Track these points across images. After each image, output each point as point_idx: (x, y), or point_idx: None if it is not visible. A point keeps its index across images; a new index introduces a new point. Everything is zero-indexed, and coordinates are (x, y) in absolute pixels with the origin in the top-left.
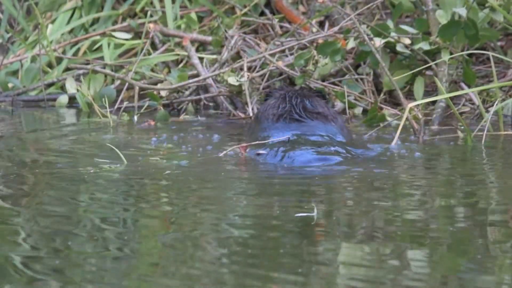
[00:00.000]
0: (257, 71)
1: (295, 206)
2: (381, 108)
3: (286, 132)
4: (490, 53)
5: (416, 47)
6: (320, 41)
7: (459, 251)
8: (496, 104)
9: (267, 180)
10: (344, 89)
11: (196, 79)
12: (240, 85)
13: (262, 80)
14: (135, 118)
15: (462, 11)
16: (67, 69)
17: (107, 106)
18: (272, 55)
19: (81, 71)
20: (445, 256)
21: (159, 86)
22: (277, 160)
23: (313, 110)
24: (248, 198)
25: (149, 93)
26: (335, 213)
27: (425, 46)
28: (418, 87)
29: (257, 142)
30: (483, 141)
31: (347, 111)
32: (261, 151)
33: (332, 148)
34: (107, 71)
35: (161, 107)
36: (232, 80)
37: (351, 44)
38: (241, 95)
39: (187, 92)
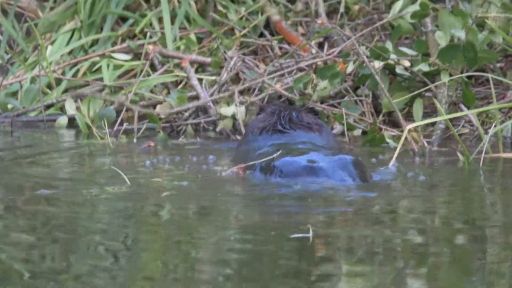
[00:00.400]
0: (256, 95)
1: (291, 227)
2: (381, 129)
3: (267, 143)
4: (489, 75)
5: (415, 69)
6: (319, 63)
7: (459, 274)
8: (495, 126)
9: (262, 200)
10: (342, 110)
11: (195, 103)
12: (233, 115)
13: (262, 102)
14: (135, 140)
15: (461, 34)
16: (67, 90)
17: (107, 128)
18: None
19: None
20: (446, 280)
21: (158, 108)
22: (267, 176)
23: (298, 122)
24: (245, 218)
25: (148, 114)
26: (330, 233)
27: (424, 67)
28: (417, 108)
29: (253, 162)
30: (481, 163)
31: (346, 133)
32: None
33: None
34: (106, 95)
35: (161, 130)
36: (225, 111)
37: (350, 67)
38: (235, 124)
39: (186, 114)
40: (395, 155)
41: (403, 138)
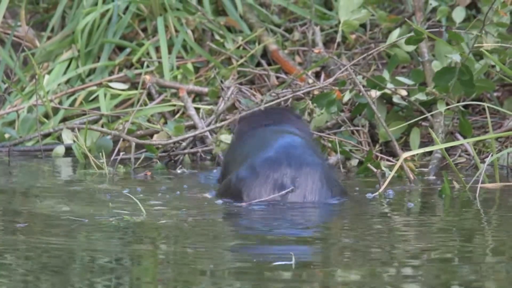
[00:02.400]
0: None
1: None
2: (377, 157)
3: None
4: (486, 104)
5: (412, 98)
6: (316, 92)
7: None
8: (492, 155)
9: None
10: (336, 138)
11: (192, 134)
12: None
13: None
14: (132, 170)
15: (457, 57)
16: (64, 119)
17: (104, 158)
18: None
19: (77, 121)
20: None
21: (155, 137)
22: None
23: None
24: (231, 246)
25: (145, 144)
26: (313, 258)
27: (421, 97)
28: (415, 138)
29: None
30: (477, 192)
31: (340, 165)
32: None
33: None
34: (103, 128)
35: (158, 161)
36: (225, 138)
37: (347, 96)
38: None
39: (183, 144)
40: (387, 180)
41: (397, 165)
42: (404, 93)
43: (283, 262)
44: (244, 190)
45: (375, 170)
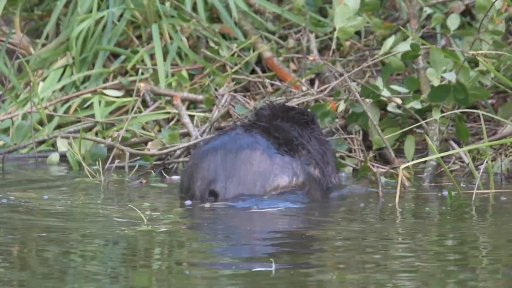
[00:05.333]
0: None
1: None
2: (372, 165)
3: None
4: (480, 112)
5: (407, 106)
6: (310, 100)
7: None
8: (486, 162)
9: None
10: None
11: (186, 144)
12: None
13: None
14: (127, 177)
15: (451, 76)
16: (59, 127)
17: (100, 165)
18: None
19: (72, 129)
20: None
21: (149, 144)
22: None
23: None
24: (214, 251)
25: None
26: (293, 265)
27: (416, 105)
28: (409, 146)
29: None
30: (473, 200)
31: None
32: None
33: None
34: (97, 138)
35: (153, 171)
36: None
37: (341, 107)
38: None
39: (178, 152)
40: (397, 196)
41: (399, 180)
42: (399, 101)
43: (263, 268)
44: None
45: (379, 189)
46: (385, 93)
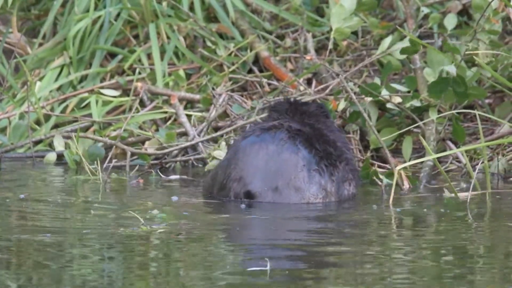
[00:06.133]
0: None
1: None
2: (372, 164)
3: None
4: (477, 112)
5: (407, 105)
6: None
7: None
8: (482, 162)
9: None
10: None
11: (185, 144)
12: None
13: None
14: (128, 176)
15: (451, 69)
16: (56, 126)
17: (99, 166)
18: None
19: (69, 128)
20: None
21: (146, 144)
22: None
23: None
24: (214, 250)
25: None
26: (288, 266)
27: (416, 103)
28: (407, 146)
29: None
30: (468, 200)
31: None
32: None
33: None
34: (98, 137)
35: (152, 171)
36: (218, 154)
37: (342, 105)
38: None
39: (175, 151)
40: (392, 194)
41: (394, 181)
42: (398, 100)
43: (258, 268)
44: None
45: (380, 183)
46: (385, 92)
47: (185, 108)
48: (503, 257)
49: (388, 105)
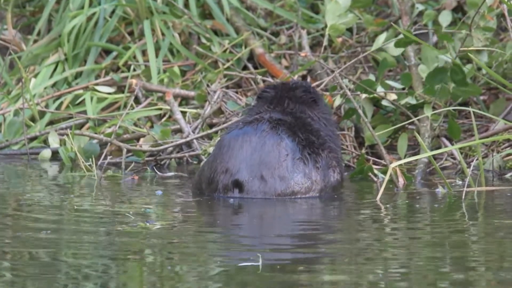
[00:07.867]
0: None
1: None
2: (368, 160)
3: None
4: (471, 109)
5: (402, 102)
6: None
7: None
8: (477, 159)
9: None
10: None
11: (180, 141)
12: None
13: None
14: (124, 173)
15: (447, 58)
16: (50, 123)
17: (94, 163)
18: None
19: (64, 125)
20: None
21: (141, 140)
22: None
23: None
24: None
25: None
26: (279, 261)
27: (411, 100)
28: (402, 144)
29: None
30: (463, 196)
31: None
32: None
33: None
34: (93, 134)
35: (148, 167)
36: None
37: (338, 101)
38: None
39: (170, 148)
40: (381, 190)
41: (387, 176)
42: (394, 96)
43: (250, 264)
44: None
45: (375, 179)
46: (380, 89)
47: (180, 104)
48: (497, 257)
49: (384, 102)
